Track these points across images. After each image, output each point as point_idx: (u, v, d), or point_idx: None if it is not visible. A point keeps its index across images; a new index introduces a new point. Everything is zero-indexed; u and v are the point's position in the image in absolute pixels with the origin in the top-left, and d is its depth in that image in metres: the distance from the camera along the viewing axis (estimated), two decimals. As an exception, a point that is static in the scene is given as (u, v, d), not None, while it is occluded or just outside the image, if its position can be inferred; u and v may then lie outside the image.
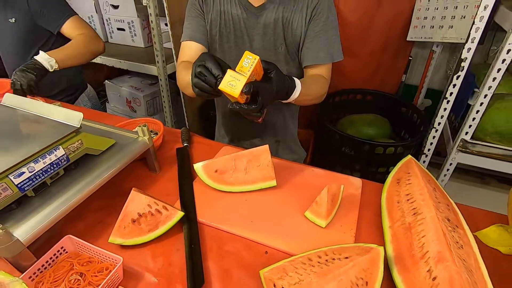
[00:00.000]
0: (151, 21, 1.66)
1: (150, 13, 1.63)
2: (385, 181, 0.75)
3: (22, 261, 0.55)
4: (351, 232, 0.66)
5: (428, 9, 1.58)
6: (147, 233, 0.65)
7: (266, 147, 0.79)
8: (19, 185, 0.57)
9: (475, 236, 0.66)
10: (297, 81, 0.75)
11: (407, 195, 0.66)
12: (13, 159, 0.57)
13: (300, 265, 0.54)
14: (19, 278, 0.49)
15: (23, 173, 0.58)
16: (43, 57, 1.07)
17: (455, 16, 1.48)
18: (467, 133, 1.33)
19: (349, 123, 1.81)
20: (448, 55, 1.81)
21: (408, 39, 1.71)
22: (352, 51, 1.82)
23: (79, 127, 0.66)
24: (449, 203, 0.66)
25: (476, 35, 1.13)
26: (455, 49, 1.76)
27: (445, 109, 1.35)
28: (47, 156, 0.61)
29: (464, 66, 1.21)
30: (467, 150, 1.35)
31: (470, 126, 1.31)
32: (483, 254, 0.57)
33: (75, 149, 0.67)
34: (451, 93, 1.30)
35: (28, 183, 0.59)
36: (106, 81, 2.20)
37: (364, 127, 1.77)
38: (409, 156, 0.76)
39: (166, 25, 1.73)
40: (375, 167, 1.58)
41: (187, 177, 0.83)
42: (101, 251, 0.58)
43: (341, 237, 0.65)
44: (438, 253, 0.52)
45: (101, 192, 0.70)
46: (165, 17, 1.63)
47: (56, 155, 0.63)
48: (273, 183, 0.77)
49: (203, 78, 0.60)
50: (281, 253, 0.64)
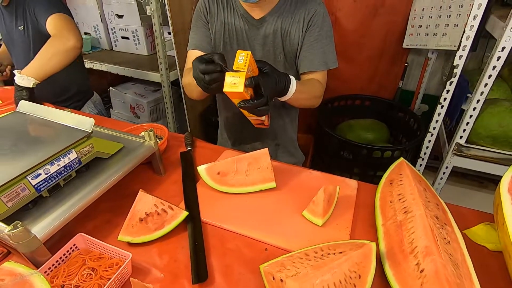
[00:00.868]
0: (155, 30, 1.72)
1: (154, 22, 1.69)
2: (379, 183, 0.79)
3: (38, 257, 0.59)
4: (347, 230, 0.70)
5: (422, 17, 1.63)
6: (153, 232, 0.68)
7: (265, 150, 0.83)
8: (36, 186, 0.62)
9: (464, 233, 0.70)
10: (291, 76, 0.79)
11: (399, 195, 0.70)
12: (31, 162, 0.61)
13: (297, 260, 0.58)
14: (37, 271, 0.53)
15: (40, 174, 0.62)
16: (20, 79, 1.10)
17: (448, 24, 1.53)
18: (461, 137, 1.37)
19: (348, 128, 1.86)
20: (443, 62, 1.86)
21: (404, 46, 1.76)
22: (350, 58, 1.88)
23: (90, 132, 0.70)
24: (438, 202, 0.70)
25: (467, 43, 1.18)
26: (449, 56, 1.81)
27: (439, 114, 1.39)
28: (61, 159, 0.66)
29: (456, 72, 1.26)
30: (462, 153, 1.39)
31: (464, 130, 1.35)
32: (471, 250, 0.61)
33: (87, 152, 0.71)
34: (445, 99, 1.34)
35: (44, 184, 0.63)
36: (110, 88, 2.26)
37: (362, 132, 1.82)
38: (401, 158, 0.80)
39: (169, 33, 1.79)
40: (373, 170, 1.62)
41: (190, 179, 0.87)
42: (111, 247, 0.62)
43: (336, 235, 0.69)
44: (425, 247, 0.55)
45: (109, 193, 0.74)
46: (169, 26, 1.69)
47: (69, 158, 0.67)
48: (273, 184, 0.81)
49: (208, 67, 0.68)
50: (280, 250, 0.67)
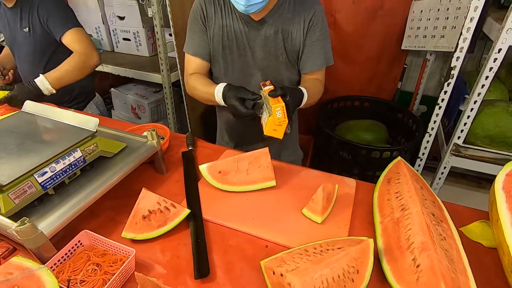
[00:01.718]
0: (157, 32, 1.73)
1: (155, 24, 1.71)
2: (377, 181, 0.81)
3: (44, 252, 0.60)
4: (345, 227, 0.72)
5: (421, 19, 1.65)
6: (156, 229, 0.70)
7: (266, 149, 0.85)
8: (42, 183, 0.63)
9: (460, 231, 0.71)
10: (304, 90, 0.89)
11: (396, 193, 0.72)
12: (37, 160, 0.63)
13: (297, 255, 0.59)
14: (44, 265, 0.54)
15: (46, 172, 0.64)
16: (42, 83, 1.21)
17: (446, 26, 1.55)
18: (459, 138, 1.38)
19: (347, 128, 1.87)
20: (441, 63, 1.88)
21: (402, 48, 1.78)
22: (349, 59, 1.89)
23: (95, 131, 0.72)
24: (435, 200, 0.72)
25: (464, 45, 1.20)
26: (448, 57, 1.83)
27: (437, 115, 1.40)
28: (67, 157, 0.68)
29: (454, 73, 1.28)
30: (460, 154, 1.41)
31: (462, 130, 1.36)
32: (466, 247, 0.62)
33: (91, 151, 0.73)
34: (443, 100, 1.36)
35: (49, 182, 0.65)
36: (112, 89, 2.27)
37: (361, 133, 1.83)
38: (399, 157, 0.82)
39: (170, 35, 1.81)
40: (372, 170, 1.64)
41: (192, 178, 0.88)
42: (115, 244, 0.64)
43: (335, 232, 0.70)
44: (422, 243, 0.57)
45: (113, 192, 0.76)
46: (170, 27, 1.71)
47: (74, 157, 0.69)
48: (273, 183, 0.83)
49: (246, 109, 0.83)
50: (280, 246, 0.69)
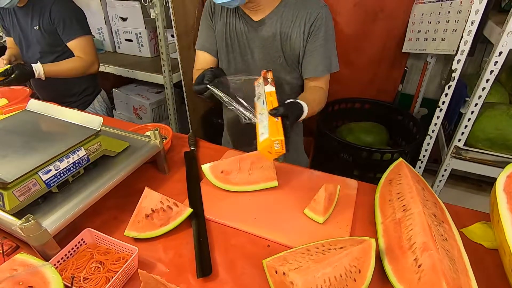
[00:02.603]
0: (159, 33, 1.75)
1: (158, 25, 1.72)
2: (379, 182, 0.81)
3: (48, 250, 0.61)
4: (347, 227, 0.72)
5: (421, 22, 1.66)
6: (159, 228, 0.70)
7: None
8: (46, 181, 0.64)
9: (462, 232, 0.72)
10: (304, 105, 0.83)
11: (398, 193, 0.72)
12: (42, 158, 0.63)
13: (299, 255, 0.60)
14: (48, 262, 0.54)
15: (50, 170, 0.64)
16: (39, 72, 1.33)
17: (447, 29, 1.56)
18: (460, 140, 1.39)
19: (348, 130, 1.88)
20: (442, 66, 1.89)
21: (403, 50, 1.79)
22: (350, 62, 1.90)
23: (99, 130, 0.73)
24: (436, 201, 0.72)
25: (465, 48, 1.21)
26: (448, 60, 1.84)
27: (438, 117, 1.41)
28: (71, 156, 0.68)
29: (455, 76, 1.28)
30: (461, 156, 1.41)
31: (462, 133, 1.37)
32: (468, 248, 0.63)
33: (95, 150, 0.74)
34: (444, 102, 1.36)
35: (54, 180, 0.65)
36: (113, 89, 2.28)
37: (362, 135, 1.84)
38: (400, 159, 0.82)
39: (172, 36, 1.82)
40: (372, 173, 1.64)
41: (194, 178, 0.89)
42: (118, 242, 0.64)
43: (337, 232, 0.71)
44: (423, 243, 0.57)
45: (115, 191, 0.76)
46: (172, 29, 1.72)
47: (78, 155, 0.69)
48: (275, 183, 0.83)
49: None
50: (282, 246, 0.69)
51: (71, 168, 0.69)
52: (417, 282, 0.54)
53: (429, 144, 1.53)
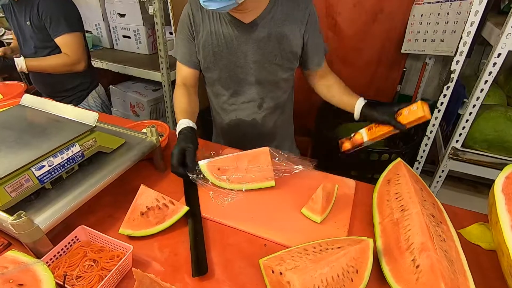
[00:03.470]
0: (157, 30, 1.73)
1: (156, 22, 1.71)
2: (377, 182, 0.81)
3: (40, 247, 0.59)
4: (344, 227, 0.71)
5: (421, 23, 1.66)
6: (154, 226, 0.69)
7: (266, 149, 0.85)
8: (39, 177, 0.62)
9: (459, 233, 0.72)
10: (358, 102, 1.04)
11: (396, 193, 0.72)
12: (35, 153, 0.62)
13: (296, 254, 0.59)
14: (40, 260, 0.53)
15: (43, 166, 0.63)
16: (21, 65, 1.35)
17: (446, 30, 1.56)
18: (457, 141, 1.39)
19: (346, 130, 1.88)
20: (440, 67, 1.89)
21: (402, 51, 1.79)
22: (349, 62, 1.90)
23: (94, 126, 0.71)
24: (434, 202, 0.72)
25: (464, 49, 1.21)
26: (447, 61, 1.84)
27: (436, 118, 1.41)
28: (65, 151, 0.67)
29: (453, 77, 1.28)
30: (458, 157, 1.41)
31: (460, 134, 1.37)
32: (465, 249, 0.62)
33: (90, 146, 0.72)
34: (442, 103, 1.36)
35: (47, 176, 0.64)
36: (110, 86, 2.26)
37: (360, 135, 1.83)
38: (399, 159, 0.82)
39: (171, 33, 1.81)
40: (370, 173, 1.64)
41: (191, 176, 0.88)
42: (112, 240, 0.63)
43: (334, 231, 0.70)
44: (421, 244, 0.57)
45: (111, 188, 0.75)
46: (170, 26, 1.71)
47: (72, 151, 0.68)
48: (272, 183, 0.83)
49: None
50: (279, 245, 0.68)
51: (65, 164, 0.67)
52: (415, 282, 0.53)
53: (426, 145, 1.53)
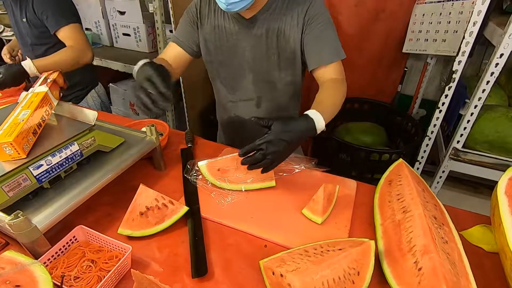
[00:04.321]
0: (157, 28, 1.72)
1: (156, 20, 1.70)
2: (378, 183, 0.80)
3: (38, 247, 0.59)
4: (345, 228, 0.71)
5: (422, 23, 1.65)
6: (154, 226, 0.69)
7: None
8: (37, 177, 0.62)
9: (461, 235, 0.71)
10: (313, 116, 0.71)
11: (398, 195, 0.71)
12: (33, 152, 0.61)
13: (297, 256, 0.58)
14: (37, 261, 0.53)
15: (41, 165, 0.62)
16: (29, 68, 1.17)
17: (448, 30, 1.55)
18: (458, 142, 1.38)
19: (346, 130, 1.87)
20: (441, 67, 1.89)
21: (403, 51, 1.78)
22: (350, 61, 1.87)
23: (93, 124, 0.71)
24: (436, 203, 0.71)
25: (466, 49, 1.20)
26: (448, 61, 1.84)
27: (437, 118, 1.41)
28: (63, 150, 0.66)
29: (455, 77, 1.28)
30: (459, 158, 1.41)
31: (461, 135, 1.36)
32: (467, 251, 0.62)
33: (88, 145, 0.71)
34: (443, 103, 1.36)
35: (45, 175, 0.63)
36: (110, 84, 2.25)
37: (360, 135, 1.83)
38: (400, 159, 0.81)
39: (171, 31, 1.80)
40: (370, 173, 1.63)
41: (191, 176, 0.87)
42: (111, 240, 0.62)
43: (335, 233, 0.69)
44: (424, 246, 0.56)
45: (110, 187, 0.74)
46: (171, 24, 1.70)
47: (71, 150, 0.67)
48: (272, 183, 0.82)
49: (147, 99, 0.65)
50: (279, 246, 0.68)
51: (64, 163, 0.67)
52: (417, 285, 0.53)
53: (427, 145, 1.52)
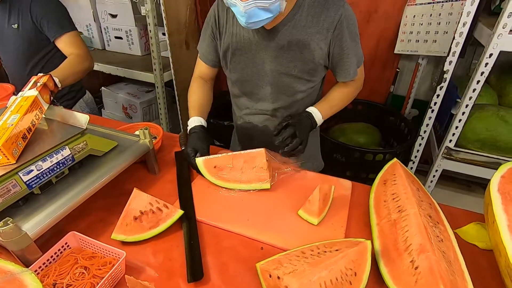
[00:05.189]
0: (150, 30, 1.71)
1: (149, 23, 1.69)
2: (373, 183, 0.80)
3: (28, 255, 0.57)
4: (342, 229, 0.71)
5: (413, 24, 1.67)
6: (148, 230, 0.68)
7: (262, 150, 0.83)
8: (27, 182, 0.60)
9: (456, 232, 0.71)
10: (315, 112, 0.91)
11: (393, 194, 0.71)
12: (23, 157, 0.60)
13: (294, 258, 0.58)
14: (28, 269, 0.51)
15: (32, 171, 0.61)
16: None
17: (438, 31, 1.58)
18: (451, 141, 1.40)
19: (340, 131, 1.88)
20: (433, 68, 1.91)
21: (395, 51, 1.80)
22: (342, 63, 1.90)
23: (85, 128, 0.69)
24: (431, 202, 0.72)
25: (456, 49, 1.22)
26: (439, 62, 1.86)
27: (430, 118, 1.42)
28: (54, 155, 0.65)
29: (446, 77, 1.29)
30: (451, 157, 1.42)
31: (453, 134, 1.38)
32: (462, 248, 0.62)
33: (80, 149, 0.70)
34: (435, 103, 1.37)
35: (35, 181, 0.62)
36: (102, 87, 2.23)
37: (354, 135, 1.84)
38: (395, 159, 0.82)
39: (163, 34, 1.78)
40: (365, 173, 1.64)
41: (185, 179, 0.86)
42: (104, 246, 0.61)
43: (332, 233, 0.69)
44: (420, 245, 0.56)
45: (102, 192, 0.73)
46: (163, 26, 1.69)
47: (62, 155, 0.66)
48: (267, 185, 0.81)
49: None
50: (276, 248, 0.67)
51: (55, 168, 0.65)
52: (414, 284, 0.53)
53: (420, 144, 1.54)
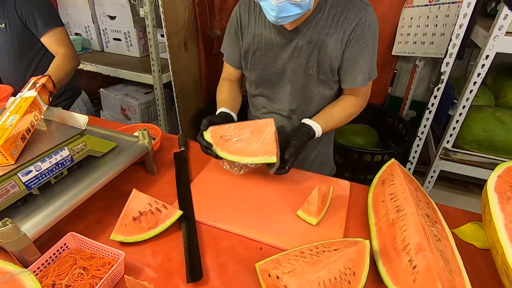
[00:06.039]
0: (148, 32, 1.71)
1: (147, 24, 1.69)
2: (371, 183, 0.81)
3: (27, 256, 0.57)
4: (340, 229, 0.71)
5: (410, 26, 1.69)
6: (147, 231, 0.68)
7: (271, 120, 0.80)
8: (26, 183, 0.60)
9: (453, 232, 0.72)
10: (315, 126, 0.85)
11: (391, 194, 0.72)
12: (22, 158, 0.60)
13: (293, 257, 0.58)
14: (27, 269, 0.51)
15: (31, 171, 0.61)
16: None
17: (435, 33, 1.59)
18: (448, 142, 1.41)
19: (339, 132, 1.88)
20: (430, 69, 1.92)
21: (393, 53, 1.82)
22: (341, 64, 1.91)
23: (84, 129, 0.69)
24: (429, 202, 0.72)
25: (453, 51, 1.23)
26: (436, 63, 1.87)
27: (427, 119, 1.43)
28: (53, 156, 0.65)
29: (443, 79, 1.31)
30: (449, 157, 1.43)
31: (451, 135, 1.39)
32: (460, 248, 0.63)
33: (79, 150, 0.70)
34: (433, 104, 1.38)
35: (34, 182, 0.62)
36: (101, 89, 2.23)
37: (352, 136, 1.85)
38: (393, 159, 0.82)
39: (162, 36, 1.79)
40: (363, 174, 1.65)
41: (184, 179, 0.86)
42: (103, 246, 0.61)
43: (330, 233, 0.70)
44: (417, 244, 0.57)
45: (101, 193, 0.73)
46: (162, 28, 1.69)
47: (61, 156, 0.66)
48: (273, 159, 0.75)
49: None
50: (275, 249, 0.67)
51: (54, 169, 0.65)
52: (412, 283, 0.53)
53: (418, 145, 1.55)
